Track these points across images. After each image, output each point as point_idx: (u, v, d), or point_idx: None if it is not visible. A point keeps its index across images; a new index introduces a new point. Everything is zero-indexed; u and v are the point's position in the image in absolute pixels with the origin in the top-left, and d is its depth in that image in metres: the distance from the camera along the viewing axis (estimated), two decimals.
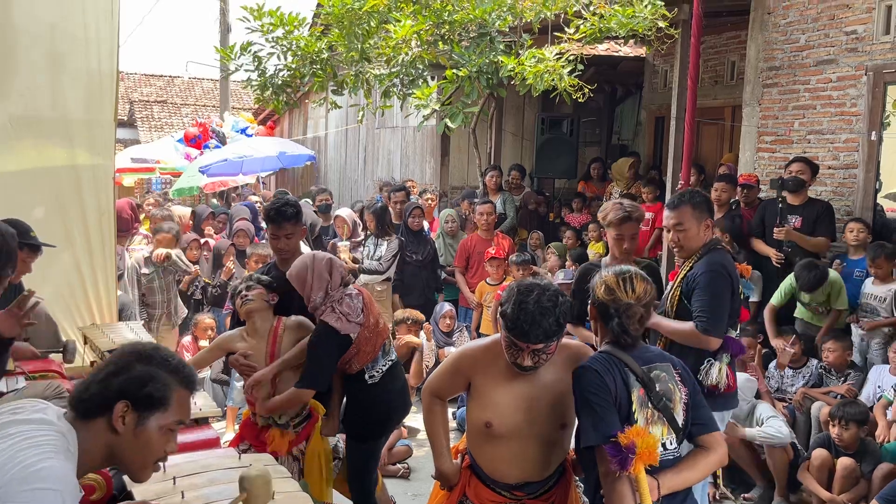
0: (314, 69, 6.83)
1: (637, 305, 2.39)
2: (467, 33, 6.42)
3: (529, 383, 2.52)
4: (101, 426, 1.75)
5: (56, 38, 4.25)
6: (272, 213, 3.64)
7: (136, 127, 22.43)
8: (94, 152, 4.46)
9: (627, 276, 2.44)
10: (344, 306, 3.34)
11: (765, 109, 6.48)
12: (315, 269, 3.35)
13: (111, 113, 4.52)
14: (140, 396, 1.77)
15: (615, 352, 2.40)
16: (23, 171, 4.21)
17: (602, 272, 2.53)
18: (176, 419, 1.84)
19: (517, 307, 2.40)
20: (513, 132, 10.25)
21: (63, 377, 3.52)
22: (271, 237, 3.69)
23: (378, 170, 12.01)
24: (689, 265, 3.40)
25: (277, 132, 16.92)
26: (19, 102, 4.15)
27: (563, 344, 2.59)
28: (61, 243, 4.28)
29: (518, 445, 2.53)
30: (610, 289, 2.43)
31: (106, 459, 1.81)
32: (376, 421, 3.57)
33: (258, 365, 3.45)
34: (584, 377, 2.34)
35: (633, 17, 5.88)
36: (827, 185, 5.98)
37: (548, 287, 2.47)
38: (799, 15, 6.14)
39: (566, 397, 2.48)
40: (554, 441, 2.56)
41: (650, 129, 9.74)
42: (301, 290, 3.37)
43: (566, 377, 2.47)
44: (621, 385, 2.32)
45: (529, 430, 2.51)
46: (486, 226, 6.66)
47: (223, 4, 14.73)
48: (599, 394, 2.28)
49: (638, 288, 2.41)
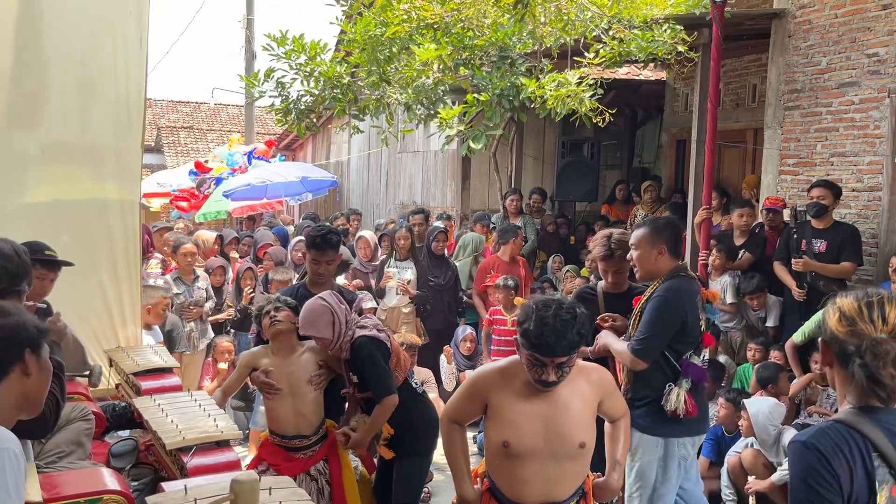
0: (335, 94, 6.94)
1: (892, 342, 1.63)
2: (488, 58, 6.50)
3: (546, 402, 2.53)
4: (12, 380, 1.87)
5: (86, 68, 4.36)
6: (318, 241, 3.81)
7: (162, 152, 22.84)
8: (121, 178, 4.55)
9: (875, 299, 1.69)
10: (367, 322, 3.47)
11: (787, 132, 6.46)
12: (321, 321, 3.41)
13: (139, 139, 4.62)
14: (32, 337, 1.90)
15: (856, 422, 1.62)
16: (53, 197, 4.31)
17: (838, 296, 1.76)
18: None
19: (539, 322, 2.43)
20: (533, 156, 10.28)
21: (89, 399, 3.57)
22: (313, 262, 3.85)
23: (400, 193, 12.09)
24: (652, 289, 3.45)
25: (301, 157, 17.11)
26: (50, 131, 4.25)
27: (581, 365, 2.61)
28: (88, 268, 4.35)
29: (537, 465, 2.53)
30: (849, 318, 1.68)
31: (20, 407, 1.93)
32: (432, 430, 3.61)
33: (279, 383, 3.50)
34: (802, 458, 1.63)
35: (652, 42, 5.91)
36: (851, 207, 5.92)
37: (563, 301, 2.51)
38: (820, 38, 6.13)
39: (584, 416, 2.49)
40: (573, 461, 2.56)
41: (671, 153, 9.72)
42: (318, 341, 3.48)
43: (583, 395, 2.48)
44: (861, 477, 1.58)
45: (547, 449, 2.52)
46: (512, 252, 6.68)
47: (248, 33, 15.01)
48: (820, 488, 1.58)
49: (891, 316, 1.65)
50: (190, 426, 3.16)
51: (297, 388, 3.53)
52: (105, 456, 3.25)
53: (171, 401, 3.46)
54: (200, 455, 3.01)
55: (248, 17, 15.13)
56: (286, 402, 3.50)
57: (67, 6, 4.23)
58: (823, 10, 6.09)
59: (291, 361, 3.57)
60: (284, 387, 3.52)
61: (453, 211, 9.71)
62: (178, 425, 3.15)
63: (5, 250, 2.81)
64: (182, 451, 3.02)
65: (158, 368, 3.93)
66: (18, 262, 2.76)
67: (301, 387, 3.54)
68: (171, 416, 3.24)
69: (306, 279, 4.17)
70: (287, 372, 3.53)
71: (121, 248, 4.54)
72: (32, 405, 1.94)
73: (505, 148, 8.88)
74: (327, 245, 3.82)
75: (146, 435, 3.45)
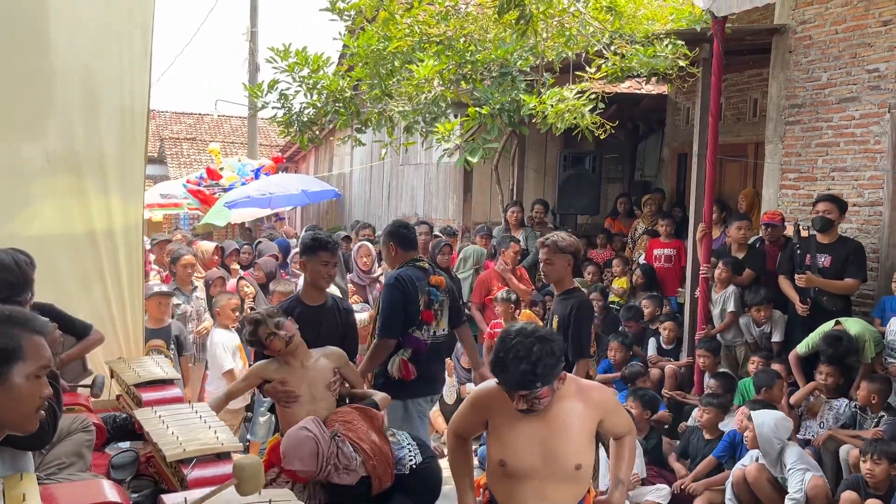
0: (337, 107, 6.97)
1: None
2: (489, 72, 6.53)
3: (543, 423, 2.52)
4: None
5: (92, 78, 4.38)
6: (330, 244, 4.02)
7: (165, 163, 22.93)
8: (124, 189, 4.57)
9: None
10: (341, 459, 3.27)
11: (788, 146, 6.48)
12: (304, 452, 3.24)
13: (142, 150, 4.64)
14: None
15: None
16: (57, 207, 4.33)
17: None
18: (38, 365, 1.90)
19: (495, 356, 2.46)
20: (535, 168, 10.31)
21: (90, 411, 3.57)
22: (323, 265, 3.97)
23: (402, 206, 12.12)
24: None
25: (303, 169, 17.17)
26: (56, 141, 4.27)
27: (582, 384, 2.60)
28: (92, 278, 4.37)
29: (533, 485, 2.53)
30: None
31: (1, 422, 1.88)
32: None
33: (298, 390, 3.51)
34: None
35: (654, 57, 5.94)
36: (853, 222, 5.93)
37: (530, 333, 2.43)
38: (820, 53, 6.16)
39: (581, 438, 2.48)
40: (570, 482, 2.55)
41: (673, 166, 9.74)
42: (299, 474, 3.30)
43: (581, 417, 2.47)
44: None
45: (544, 470, 2.51)
46: (511, 264, 6.71)
47: (252, 45, 15.09)
48: None
49: None
50: (190, 438, 3.15)
51: (317, 393, 3.56)
52: (105, 467, 3.24)
53: (171, 412, 3.45)
54: (201, 467, 3.00)
55: (251, 30, 15.21)
56: (303, 409, 3.50)
57: (74, 18, 4.26)
58: (824, 26, 6.13)
59: (309, 368, 3.59)
60: (304, 393, 3.54)
61: (455, 223, 9.73)
62: (178, 437, 3.14)
63: (5, 261, 2.82)
64: (182, 463, 3.01)
65: (160, 380, 3.92)
66: (19, 272, 2.77)
67: (320, 392, 3.56)
68: (171, 428, 3.24)
69: (300, 292, 4.19)
70: (306, 378, 3.55)
71: (124, 258, 4.55)
72: (11, 423, 1.90)
73: (507, 160, 8.91)
74: (337, 247, 3.94)
75: (147, 446, 3.45)
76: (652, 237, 7.62)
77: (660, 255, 7.32)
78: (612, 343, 6.16)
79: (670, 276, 7.16)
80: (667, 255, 7.25)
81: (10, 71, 3.98)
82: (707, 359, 5.69)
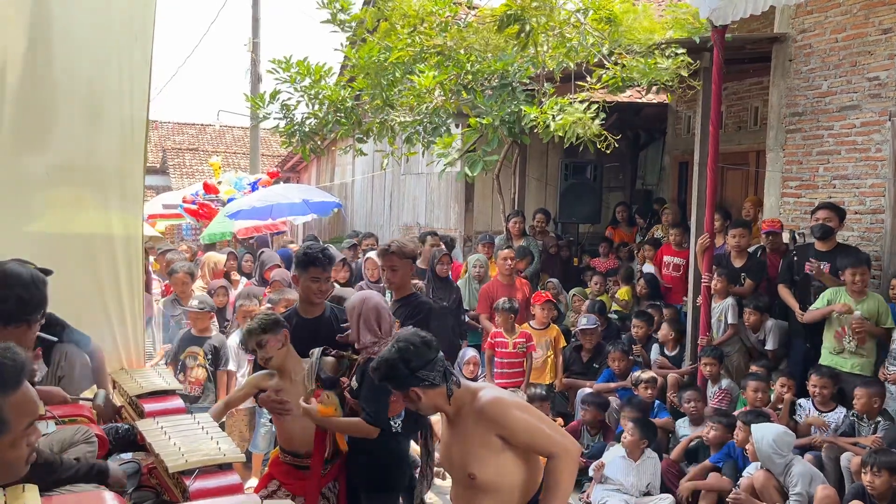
0: (339, 117, 6.99)
1: None
2: (490, 83, 6.55)
3: (450, 431, 2.67)
4: None
5: (93, 90, 4.39)
6: (321, 258, 3.77)
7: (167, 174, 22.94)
8: (125, 200, 4.56)
9: None
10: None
11: (789, 154, 6.48)
12: (363, 314, 3.51)
13: (142, 162, 4.64)
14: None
15: None
16: (58, 219, 4.33)
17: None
18: (25, 423, 1.81)
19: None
20: (536, 178, 10.31)
21: (92, 422, 3.56)
22: (313, 280, 3.79)
23: (403, 215, 12.12)
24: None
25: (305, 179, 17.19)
26: (57, 153, 4.28)
27: (479, 397, 2.60)
28: (92, 289, 4.37)
29: (457, 490, 2.71)
30: None
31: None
32: (400, 467, 3.58)
33: (290, 402, 3.50)
34: None
35: (654, 67, 5.96)
36: (854, 230, 5.93)
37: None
38: (821, 62, 6.18)
39: (474, 449, 2.54)
40: (484, 494, 2.56)
41: (674, 175, 9.76)
42: (353, 327, 3.55)
43: (473, 429, 2.55)
44: None
45: (454, 474, 2.70)
46: (507, 271, 6.69)
47: (254, 56, 15.15)
48: None
49: None
50: (192, 449, 3.15)
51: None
52: None
53: (173, 423, 3.45)
54: (203, 478, 2.99)
55: (253, 41, 15.27)
56: (297, 421, 3.49)
57: (75, 29, 4.27)
58: (824, 35, 6.15)
59: (298, 383, 3.55)
60: (296, 406, 3.52)
61: (456, 232, 9.72)
62: (180, 448, 3.14)
63: (23, 276, 2.72)
64: (184, 474, 3.01)
65: (162, 391, 3.92)
66: (35, 291, 2.69)
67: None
68: (173, 439, 3.23)
69: (297, 304, 4.12)
70: (298, 391, 3.53)
71: (124, 269, 4.55)
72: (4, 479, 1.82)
73: (508, 170, 8.91)
74: (330, 261, 3.84)
75: (149, 458, 3.44)
76: (654, 246, 7.63)
77: (669, 262, 7.33)
78: (612, 353, 6.15)
79: (678, 285, 7.16)
80: (676, 264, 7.25)
81: (13, 82, 4.00)
82: (713, 367, 5.68)
